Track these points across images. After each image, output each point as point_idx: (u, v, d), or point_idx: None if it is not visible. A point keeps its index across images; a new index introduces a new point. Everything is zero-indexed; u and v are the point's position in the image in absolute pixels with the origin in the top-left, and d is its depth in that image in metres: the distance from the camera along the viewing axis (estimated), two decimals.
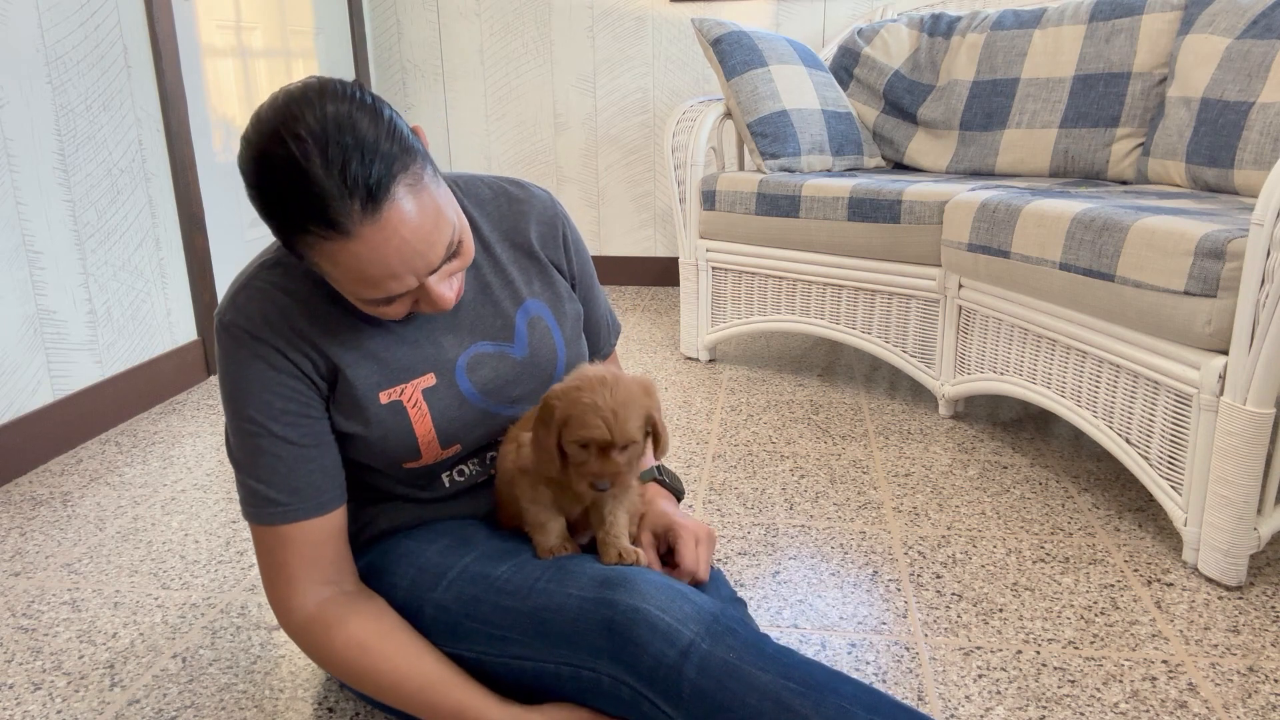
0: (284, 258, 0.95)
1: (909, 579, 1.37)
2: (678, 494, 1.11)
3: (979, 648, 1.20)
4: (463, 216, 0.91)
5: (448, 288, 0.88)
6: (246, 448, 0.92)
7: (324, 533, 0.95)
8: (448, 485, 1.05)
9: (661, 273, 3.48)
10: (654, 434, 0.93)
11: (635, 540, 1.01)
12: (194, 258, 2.40)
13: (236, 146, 2.63)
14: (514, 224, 1.07)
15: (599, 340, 1.20)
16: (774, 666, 0.80)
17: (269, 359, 0.91)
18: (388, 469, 1.00)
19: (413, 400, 0.97)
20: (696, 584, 0.99)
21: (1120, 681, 1.12)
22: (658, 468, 1.11)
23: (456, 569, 0.96)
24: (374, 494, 1.05)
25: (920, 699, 1.10)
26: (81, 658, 1.22)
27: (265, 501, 0.92)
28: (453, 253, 0.87)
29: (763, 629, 1.20)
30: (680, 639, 0.82)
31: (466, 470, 1.05)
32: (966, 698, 1.10)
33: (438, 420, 0.98)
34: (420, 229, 0.81)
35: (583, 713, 0.89)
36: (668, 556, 1.01)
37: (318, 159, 0.77)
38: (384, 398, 0.95)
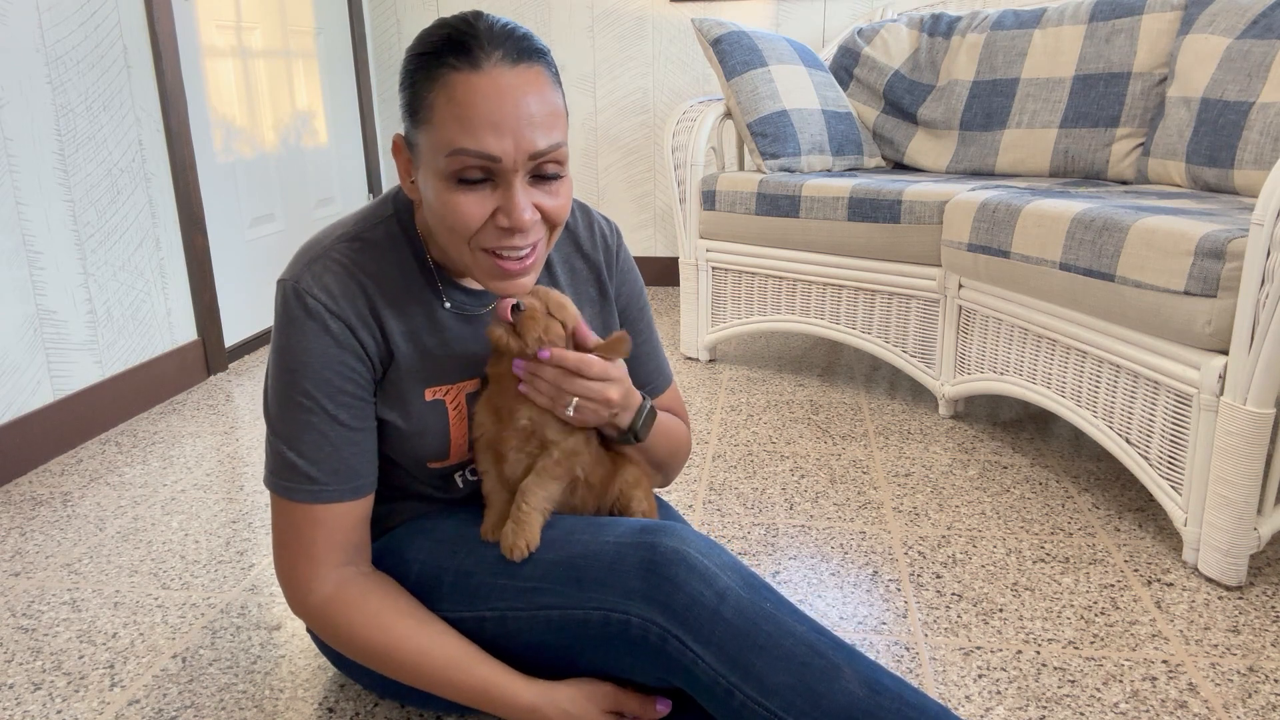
0: (363, 231, 0.93)
1: (909, 579, 1.37)
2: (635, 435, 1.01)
3: (979, 648, 1.20)
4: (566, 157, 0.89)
5: (528, 204, 0.84)
6: (294, 421, 0.90)
7: (354, 517, 0.94)
8: (461, 485, 1.05)
9: (662, 273, 3.48)
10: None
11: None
12: (194, 258, 2.40)
13: (236, 146, 2.63)
14: (574, 246, 1.07)
15: (642, 377, 1.13)
16: (807, 622, 0.84)
17: (338, 335, 0.89)
18: (411, 466, 1.00)
19: (455, 403, 0.97)
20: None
21: (1120, 681, 1.12)
22: (633, 432, 0.99)
23: (475, 535, 0.96)
24: (391, 491, 1.05)
25: None
26: (81, 658, 1.22)
27: (303, 478, 0.91)
28: (554, 166, 0.85)
29: None
30: (718, 582, 0.84)
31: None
32: (966, 698, 1.10)
33: None
34: (541, 108, 0.82)
35: (606, 686, 0.90)
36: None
37: (484, 24, 0.82)
38: (429, 395, 0.95)
